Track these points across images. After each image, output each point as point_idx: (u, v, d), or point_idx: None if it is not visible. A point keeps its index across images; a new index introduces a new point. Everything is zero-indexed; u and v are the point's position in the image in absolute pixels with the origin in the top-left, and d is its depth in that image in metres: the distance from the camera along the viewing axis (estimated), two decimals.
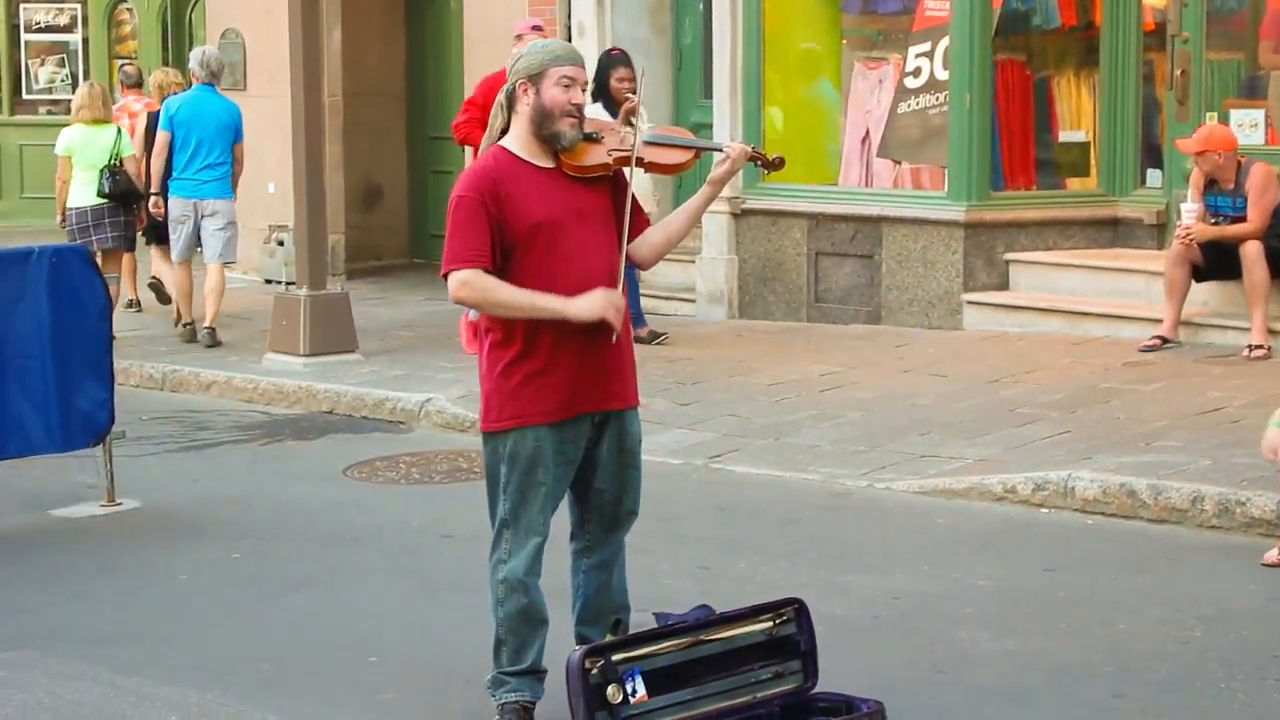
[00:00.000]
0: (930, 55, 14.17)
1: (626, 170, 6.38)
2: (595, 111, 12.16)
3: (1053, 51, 14.86)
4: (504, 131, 6.36)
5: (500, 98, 6.35)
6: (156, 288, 16.41)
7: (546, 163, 6.31)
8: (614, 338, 6.27)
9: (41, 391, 9.67)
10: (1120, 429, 10.44)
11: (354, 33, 18.63)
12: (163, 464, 11.28)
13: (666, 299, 15.40)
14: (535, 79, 6.25)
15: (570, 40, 15.51)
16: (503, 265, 6.23)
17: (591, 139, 6.34)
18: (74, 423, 9.82)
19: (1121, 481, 9.32)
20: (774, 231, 14.87)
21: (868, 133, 14.82)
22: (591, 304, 6.20)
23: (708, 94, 15.52)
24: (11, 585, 8.60)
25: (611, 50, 14.00)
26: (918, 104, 14.27)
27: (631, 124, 6.51)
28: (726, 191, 12.23)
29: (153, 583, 8.63)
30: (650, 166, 6.50)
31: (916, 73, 14.30)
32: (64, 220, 15.53)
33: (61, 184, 15.62)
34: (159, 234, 15.72)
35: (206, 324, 14.96)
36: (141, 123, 16.09)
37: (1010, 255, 13.93)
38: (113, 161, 15.39)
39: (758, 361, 13.07)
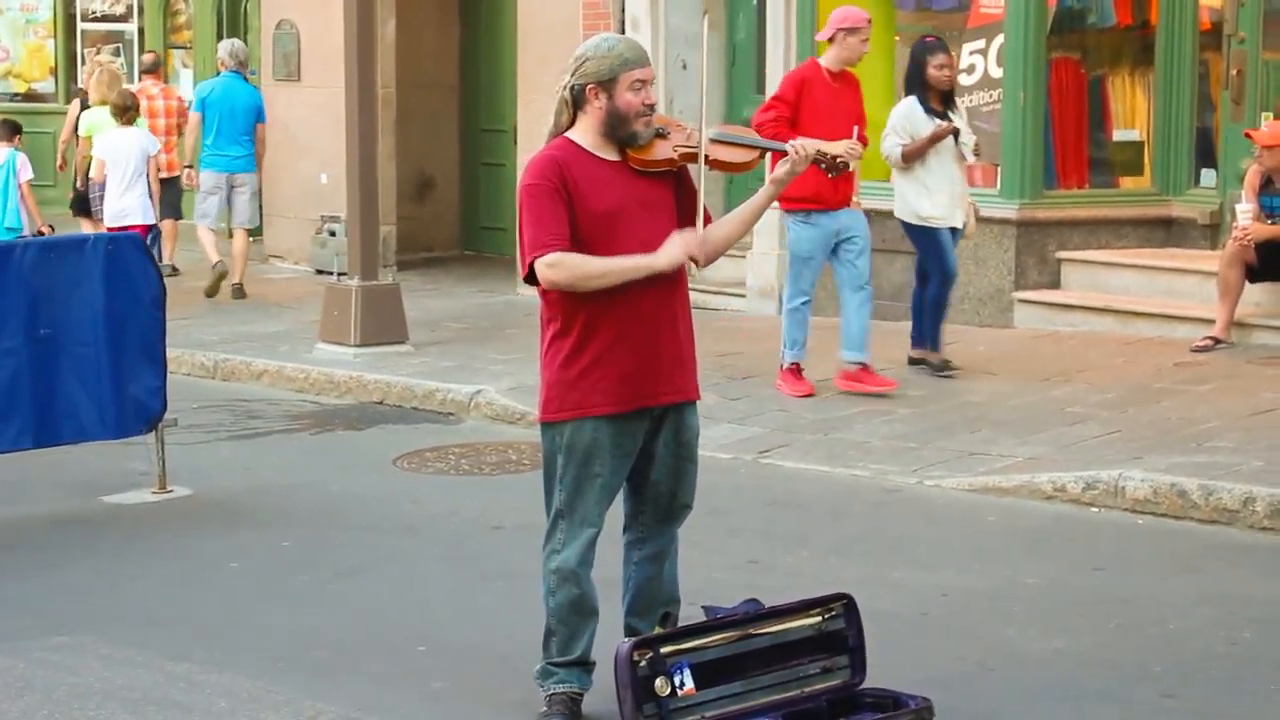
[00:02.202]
0: (984, 53, 14.15)
1: (693, 167, 6.40)
2: (910, 106, 12.06)
3: (1107, 50, 14.82)
4: (568, 126, 6.37)
5: (564, 95, 6.35)
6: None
7: (612, 156, 6.33)
8: (698, 269, 6.35)
9: (95, 378, 9.73)
10: (1172, 429, 10.41)
11: (408, 24, 18.67)
12: (214, 452, 11.33)
13: (716, 293, 15.39)
14: (607, 85, 6.25)
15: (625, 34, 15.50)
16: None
17: (658, 134, 6.36)
18: (127, 410, 9.87)
19: (1172, 482, 9.29)
20: None
21: None
22: (673, 250, 6.24)
23: (760, 89, 15.50)
24: (64, 570, 8.66)
25: (925, 38, 12.82)
26: (971, 101, 14.23)
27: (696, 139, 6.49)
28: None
29: (204, 570, 8.68)
30: (715, 164, 6.50)
31: (970, 70, 14.27)
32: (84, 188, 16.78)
33: (82, 159, 16.98)
34: (84, 206, 16.94)
35: (235, 280, 16.82)
36: (160, 104, 18.30)
37: (1062, 254, 13.90)
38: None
39: (808, 357, 13.04)
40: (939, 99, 12.13)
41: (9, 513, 9.79)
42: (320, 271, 17.70)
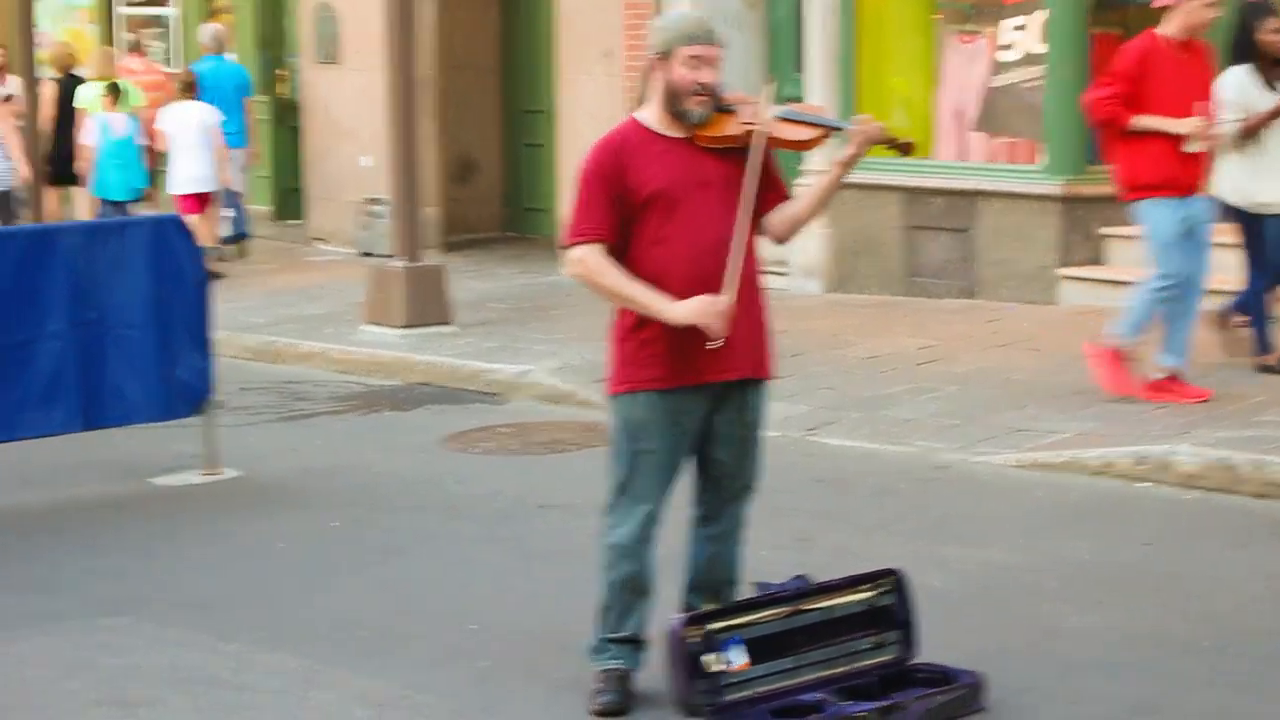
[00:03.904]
0: (1025, 29, 14.09)
1: (756, 146, 6.35)
2: (1241, 77, 10.96)
3: (1150, 25, 14.70)
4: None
5: (645, 67, 6.38)
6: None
7: (678, 133, 6.33)
8: (710, 344, 6.21)
9: (142, 361, 9.76)
10: (1220, 404, 10.36)
11: (448, 6, 18.67)
12: (261, 434, 11.36)
13: (760, 272, 15.35)
14: (665, 56, 6.26)
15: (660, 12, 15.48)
16: (624, 233, 6.26)
17: (725, 110, 6.34)
18: (174, 392, 9.91)
19: (1221, 456, 9.26)
20: (869, 205, 14.81)
21: (962, 107, 14.74)
22: (687, 310, 6.19)
23: (799, 67, 15.48)
24: (113, 553, 8.69)
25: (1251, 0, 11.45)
26: (1013, 78, 14.19)
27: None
28: (820, 165, 12.19)
29: (252, 550, 8.71)
30: (778, 142, 6.47)
31: (1011, 46, 14.22)
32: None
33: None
34: (59, 175, 17.61)
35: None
36: (145, 79, 19.19)
37: (1106, 230, 13.82)
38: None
39: (853, 335, 13.06)
40: (1271, 67, 10.98)
41: (58, 496, 9.84)
42: (365, 254, 17.73)
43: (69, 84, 18.24)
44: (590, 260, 6.26)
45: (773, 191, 6.46)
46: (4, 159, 16.42)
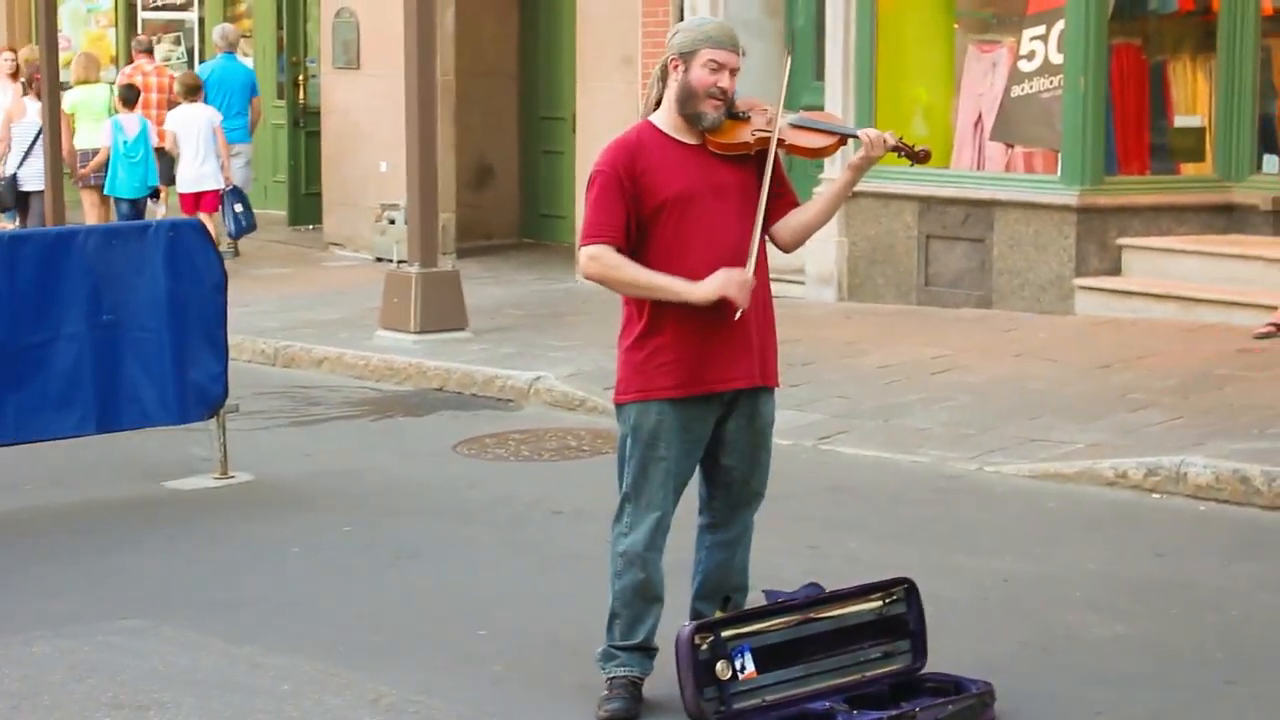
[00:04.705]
0: (1045, 38, 14.09)
1: (768, 152, 6.36)
2: None
3: (1169, 36, 14.74)
4: (658, 104, 6.40)
5: (656, 70, 6.39)
6: None
7: (691, 139, 6.34)
8: (737, 315, 6.26)
9: (158, 364, 9.78)
10: (1234, 415, 10.36)
11: (467, 13, 18.70)
12: (275, 438, 11.38)
13: (775, 280, 15.26)
14: (687, 57, 6.28)
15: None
16: (638, 238, 6.27)
17: (738, 117, 6.35)
18: (189, 395, 9.92)
19: (1235, 468, 9.25)
20: (884, 214, 14.82)
21: (980, 116, 14.75)
22: (711, 286, 6.21)
23: (820, 76, 15.48)
24: (126, 555, 8.71)
25: None
26: (1031, 87, 14.19)
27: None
28: (834, 173, 12.18)
29: (265, 554, 8.72)
30: (791, 149, 6.47)
31: (1031, 56, 14.22)
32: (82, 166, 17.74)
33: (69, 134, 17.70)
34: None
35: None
36: (153, 80, 19.38)
37: (1123, 240, 13.83)
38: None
39: (867, 344, 13.06)
40: None
41: (72, 498, 9.87)
42: (380, 259, 17.76)
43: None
44: (606, 257, 6.26)
45: (782, 199, 6.47)
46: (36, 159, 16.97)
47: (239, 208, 18.24)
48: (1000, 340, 12.96)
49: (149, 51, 20.61)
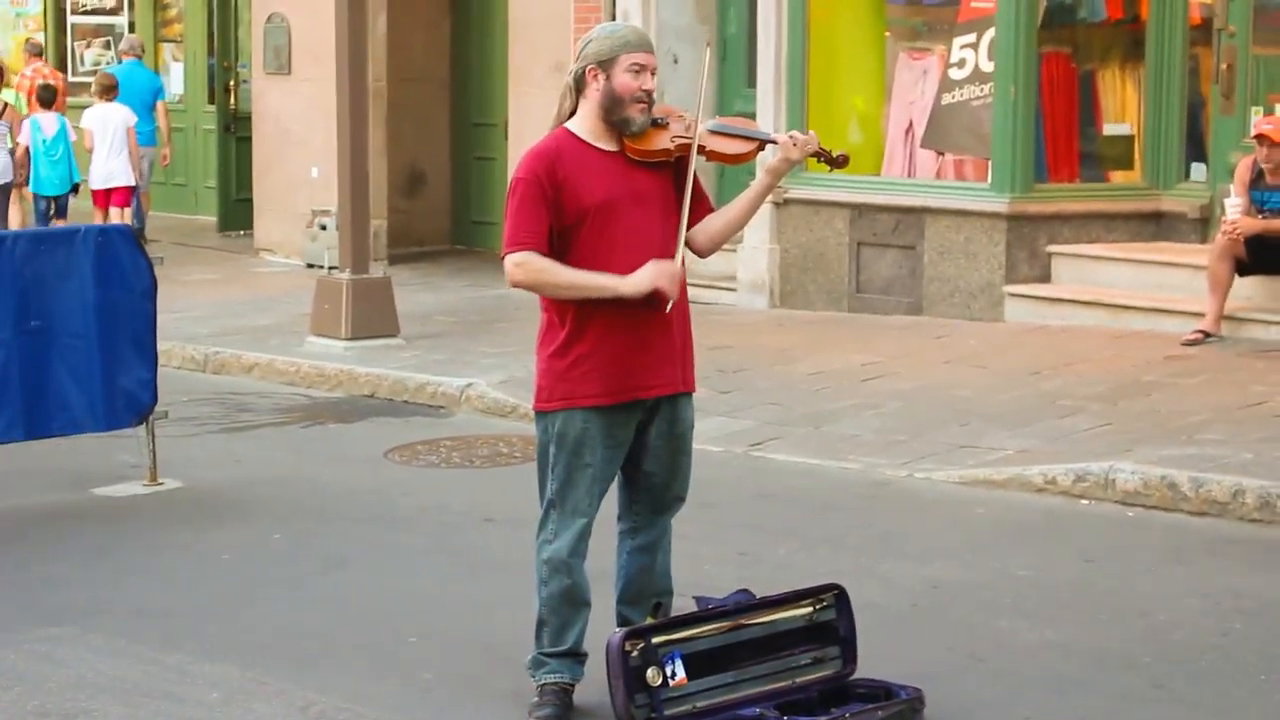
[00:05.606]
0: (975, 47, 14.16)
1: (688, 158, 6.38)
2: None
3: (1098, 44, 14.83)
4: (571, 114, 6.39)
5: (568, 80, 6.38)
6: None
7: (610, 146, 6.33)
8: (668, 306, 6.28)
9: (86, 370, 9.71)
10: (1162, 422, 10.42)
11: (399, 18, 18.67)
12: (204, 445, 11.33)
13: (707, 287, 15.38)
14: (606, 65, 6.27)
15: None
16: (559, 246, 6.26)
17: (657, 124, 6.36)
18: (118, 402, 9.85)
19: (1163, 474, 9.31)
20: (816, 221, 14.87)
21: (911, 123, 14.81)
22: (644, 277, 6.21)
23: (752, 83, 15.51)
24: (55, 563, 8.65)
25: None
26: (962, 95, 14.25)
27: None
28: None
29: (195, 561, 8.68)
30: (712, 155, 6.49)
31: (961, 64, 14.29)
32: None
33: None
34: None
35: None
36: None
37: (1053, 248, 13.91)
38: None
39: (799, 351, 13.09)
40: None
41: None
42: (311, 265, 17.70)
43: None
44: (532, 262, 6.25)
45: (700, 205, 6.48)
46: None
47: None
48: (931, 347, 13.01)
49: (39, 54, 21.35)
